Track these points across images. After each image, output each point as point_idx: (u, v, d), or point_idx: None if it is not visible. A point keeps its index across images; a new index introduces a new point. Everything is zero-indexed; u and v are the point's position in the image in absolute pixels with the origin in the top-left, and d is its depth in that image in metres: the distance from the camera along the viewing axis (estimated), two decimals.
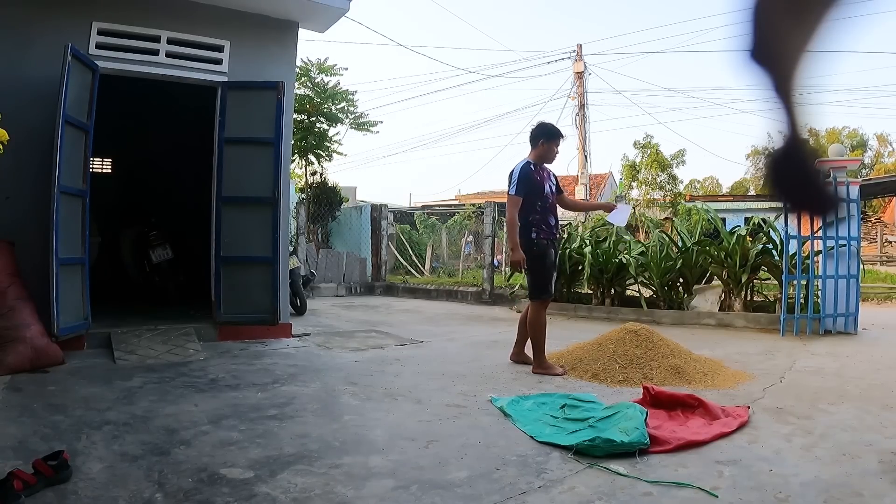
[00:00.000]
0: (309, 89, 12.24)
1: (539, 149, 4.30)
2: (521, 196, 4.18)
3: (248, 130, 5.28)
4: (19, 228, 4.33)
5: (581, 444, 2.53)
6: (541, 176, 4.27)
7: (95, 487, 2.11)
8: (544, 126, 4.37)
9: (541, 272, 4.25)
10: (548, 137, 4.31)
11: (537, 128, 4.37)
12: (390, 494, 2.12)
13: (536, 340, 4.21)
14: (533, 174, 4.23)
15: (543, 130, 4.33)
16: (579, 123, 15.94)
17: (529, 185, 4.20)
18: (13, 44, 4.53)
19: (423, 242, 14.04)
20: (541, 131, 4.32)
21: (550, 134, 4.33)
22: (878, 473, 2.30)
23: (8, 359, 3.83)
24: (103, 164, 9.67)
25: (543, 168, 4.34)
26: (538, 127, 4.38)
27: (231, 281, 5.25)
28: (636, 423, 2.65)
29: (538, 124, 4.41)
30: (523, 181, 4.19)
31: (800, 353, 5.01)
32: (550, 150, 4.32)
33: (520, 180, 4.19)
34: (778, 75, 0.67)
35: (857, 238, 6.19)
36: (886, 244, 21.44)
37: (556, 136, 4.35)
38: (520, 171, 4.21)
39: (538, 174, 4.26)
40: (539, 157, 4.31)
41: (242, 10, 5.39)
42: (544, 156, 4.32)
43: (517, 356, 4.50)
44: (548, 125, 4.39)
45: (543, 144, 4.29)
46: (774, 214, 7.18)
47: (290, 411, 3.18)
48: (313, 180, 12.96)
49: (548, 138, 4.30)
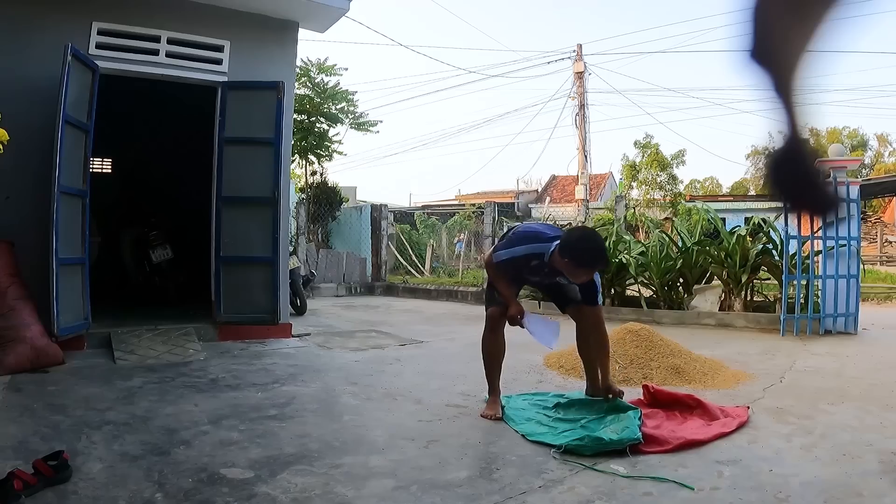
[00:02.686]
0: (309, 89, 12.24)
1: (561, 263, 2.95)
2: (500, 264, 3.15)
3: (248, 130, 5.28)
4: (19, 228, 4.33)
5: (570, 443, 2.55)
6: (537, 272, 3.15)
7: (95, 487, 2.11)
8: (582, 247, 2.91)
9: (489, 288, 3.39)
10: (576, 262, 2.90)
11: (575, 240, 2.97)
12: (390, 494, 2.12)
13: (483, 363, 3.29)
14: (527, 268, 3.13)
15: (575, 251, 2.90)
16: (579, 123, 15.93)
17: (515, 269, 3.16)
18: (13, 44, 4.53)
19: (423, 242, 14.03)
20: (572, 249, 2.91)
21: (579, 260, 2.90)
22: (878, 473, 2.30)
23: (8, 359, 3.83)
24: (103, 164, 9.67)
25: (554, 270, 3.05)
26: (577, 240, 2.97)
27: (231, 281, 5.25)
28: (627, 423, 2.68)
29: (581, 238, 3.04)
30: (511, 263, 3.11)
31: (800, 353, 5.01)
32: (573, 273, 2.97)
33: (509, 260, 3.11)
34: (778, 75, 0.67)
35: (857, 238, 6.19)
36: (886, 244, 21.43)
37: (586, 266, 2.95)
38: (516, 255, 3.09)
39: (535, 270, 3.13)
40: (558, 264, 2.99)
41: (242, 10, 5.39)
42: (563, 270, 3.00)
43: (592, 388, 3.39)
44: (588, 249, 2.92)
45: (569, 264, 2.92)
46: (774, 214, 7.18)
47: (291, 411, 3.18)
48: (313, 180, 12.96)
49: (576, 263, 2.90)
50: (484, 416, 3.09)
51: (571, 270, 2.95)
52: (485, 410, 3.13)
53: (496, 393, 3.22)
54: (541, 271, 3.13)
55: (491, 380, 3.24)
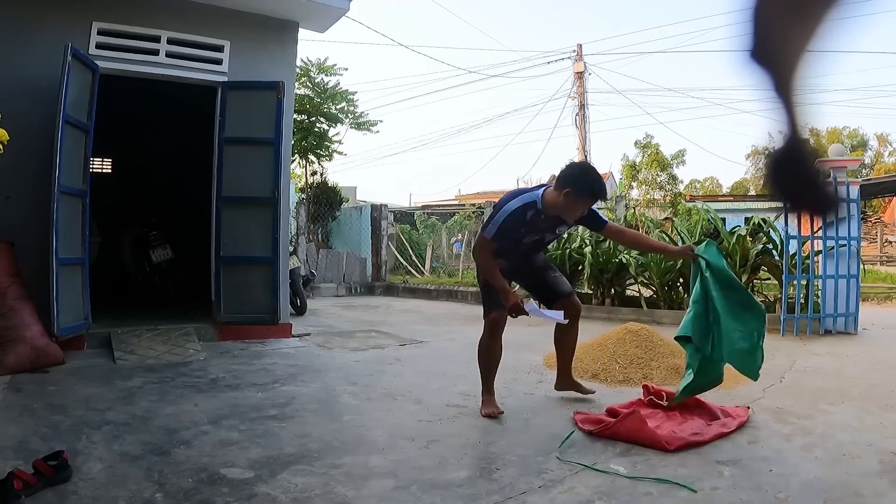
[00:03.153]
0: (309, 89, 12.24)
1: (559, 195, 3.00)
2: (496, 242, 3.07)
3: (248, 130, 5.28)
4: (19, 228, 4.33)
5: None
6: (534, 226, 3.13)
7: (95, 487, 2.11)
8: (580, 174, 3.03)
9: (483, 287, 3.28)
10: (576, 190, 2.96)
11: (572, 170, 3.09)
12: (390, 494, 2.12)
13: (480, 367, 3.27)
14: (522, 223, 3.08)
15: (575, 179, 2.99)
16: (579, 123, 15.95)
17: (510, 234, 3.08)
18: (13, 44, 4.54)
19: (424, 242, 14.03)
20: (571, 178, 2.99)
21: (580, 188, 2.96)
22: (878, 473, 2.30)
23: (8, 359, 3.83)
24: (103, 164, 9.68)
25: (549, 217, 3.11)
26: (573, 170, 3.10)
27: (231, 281, 5.25)
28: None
29: (577, 166, 3.21)
30: (504, 228, 3.05)
31: (800, 352, 5.00)
32: (572, 206, 3.03)
33: (501, 225, 3.05)
34: (778, 75, 0.67)
35: (857, 238, 6.19)
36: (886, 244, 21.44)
37: (587, 195, 3.01)
38: (507, 214, 3.04)
39: (532, 224, 3.11)
40: (553, 205, 3.05)
41: (242, 10, 5.39)
42: (560, 207, 3.04)
43: (562, 383, 3.52)
44: (587, 175, 3.04)
45: (568, 196, 2.97)
46: (774, 214, 7.17)
47: (291, 411, 3.18)
48: (313, 180, 12.96)
49: (575, 191, 2.96)
50: (486, 415, 3.09)
51: (572, 203, 2.99)
52: (484, 410, 3.13)
53: (491, 392, 3.23)
54: (536, 224, 3.12)
55: (487, 381, 3.24)
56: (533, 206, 3.06)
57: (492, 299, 3.20)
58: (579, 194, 2.97)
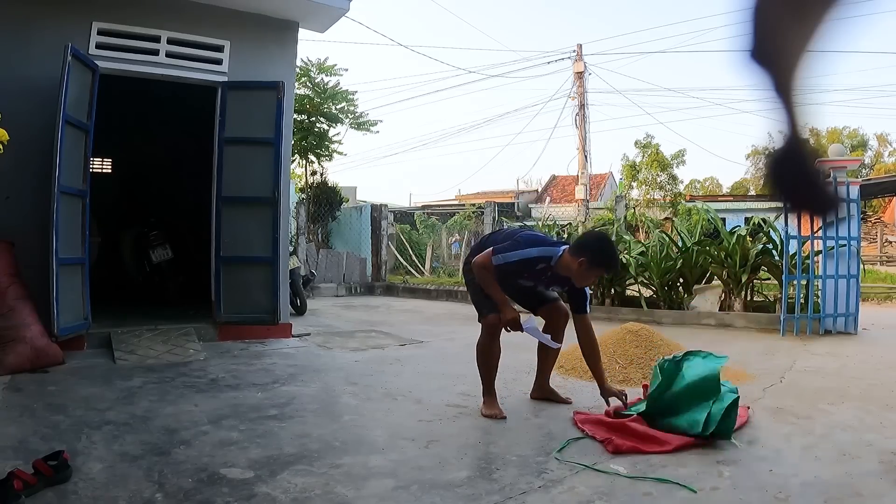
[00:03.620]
0: (309, 89, 12.24)
1: (574, 262, 2.99)
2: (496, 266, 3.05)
3: (248, 130, 5.28)
4: (19, 228, 4.33)
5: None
6: (537, 277, 3.18)
7: (95, 487, 2.11)
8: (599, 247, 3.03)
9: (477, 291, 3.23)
10: (591, 262, 2.97)
11: (591, 241, 3.12)
12: (390, 494, 2.12)
13: (479, 369, 3.26)
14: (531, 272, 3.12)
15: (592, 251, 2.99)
16: (579, 123, 15.93)
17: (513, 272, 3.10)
18: (13, 44, 4.53)
19: (423, 242, 14.03)
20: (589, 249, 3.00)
21: (596, 261, 2.99)
22: (878, 473, 2.30)
23: (8, 359, 3.83)
24: (103, 164, 9.67)
25: (556, 276, 3.12)
26: (592, 241, 3.12)
27: (231, 281, 5.25)
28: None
29: (596, 238, 3.21)
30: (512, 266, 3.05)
31: (800, 353, 5.00)
32: (584, 276, 3.03)
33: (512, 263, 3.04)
34: (778, 75, 0.67)
35: (857, 238, 6.19)
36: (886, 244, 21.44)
37: (601, 267, 3.08)
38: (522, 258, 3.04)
39: (537, 275, 3.15)
40: (566, 268, 3.04)
41: (242, 10, 5.39)
42: (572, 273, 3.04)
43: (539, 391, 3.49)
44: (604, 249, 3.05)
45: (583, 265, 2.97)
46: (774, 214, 7.18)
47: (291, 411, 3.18)
48: (313, 180, 12.96)
49: (591, 262, 2.97)
50: (487, 416, 3.09)
51: (583, 271, 2.99)
52: (485, 410, 3.13)
53: (493, 393, 3.22)
54: (541, 276, 3.15)
55: (488, 382, 3.23)
56: (548, 261, 3.08)
57: (485, 302, 3.19)
58: (593, 264, 3.00)
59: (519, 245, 3.09)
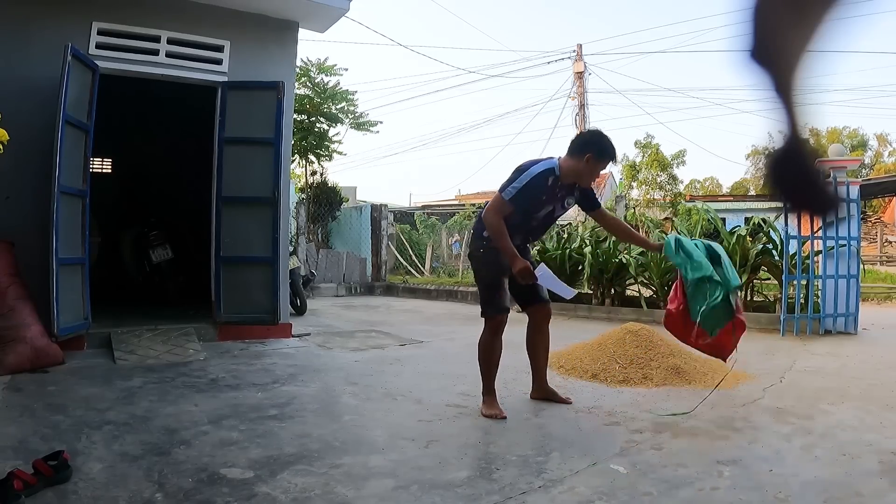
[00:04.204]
0: (309, 89, 12.23)
1: (580, 162, 3.10)
2: (512, 205, 3.07)
3: (248, 130, 5.28)
4: (19, 228, 4.33)
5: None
6: (552, 195, 3.16)
7: (95, 487, 2.11)
8: (601, 139, 3.16)
9: (490, 281, 3.22)
10: (599, 154, 3.10)
11: (591, 135, 3.25)
12: (390, 494, 2.12)
13: (481, 367, 3.25)
14: (544, 189, 3.12)
15: (597, 143, 3.13)
16: (579, 123, 15.93)
17: (529, 200, 3.10)
18: (13, 44, 4.53)
19: (423, 242, 14.03)
20: (593, 143, 3.14)
21: (603, 151, 3.12)
22: (878, 473, 2.30)
23: (8, 359, 3.83)
24: (103, 164, 9.67)
25: (564, 186, 3.18)
26: (593, 135, 3.25)
27: (231, 281, 5.25)
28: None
29: (595, 132, 3.30)
30: (526, 192, 3.07)
31: (800, 353, 5.00)
32: (592, 171, 3.15)
33: (524, 188, 3.06)
34: (778, 75, 0.67)
35: (857, 238, 6.19)
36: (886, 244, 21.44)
37: (609, 157, 3.17)
38: (531, 177, 3.07)
39: (551, 191, 3.15)
40: (572, 172, 3.13)
41: (242, 10, 5.39)
42: (580, 173, 3.14)
43: (539, 391, 3.45)
44: (606, 139, 3.16)
45: (590, 161, 3.09)
46: (774, 214, 7.18)
47: (291, 411, 3.18)
48: (313, 180, 12.96)
49: (599, 155, 3.10)
50: (488, 415, 3.09)
51: (591, 167, 3.11)
52: (486, 410, 3.13)
53: (493, 393, 3.22)
54: (555, 191, 3.17)
55: (488, 380, 3.23)
56: (552, 172, 3.12)
57: (493, 301, 3.19)
58: (600, 157, 3.11)
59: (520, 172, 3.12)
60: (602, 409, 3.25)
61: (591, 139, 3.18)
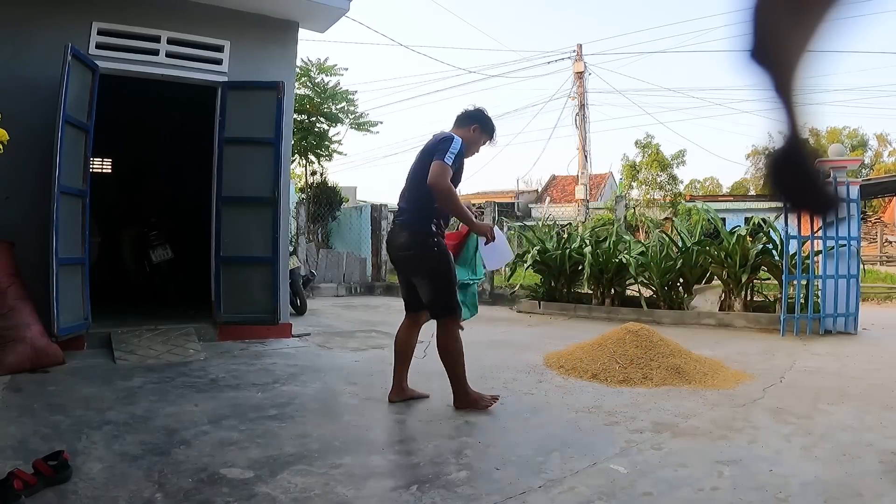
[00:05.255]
0: (309, 89, 12.23)
1: (468, 132, 3.35)
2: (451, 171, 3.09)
3: (248, 130, 5.28)
4: (19, 228, 4.33)
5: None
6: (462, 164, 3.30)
7: (95, 487, 2.11)
8: (483, 114, 3.44)
9: (451, 276, 3.22)
10: (483, 126, 3.40)
11: (476, 110, 3.46)
12: (390, 494, 2.12)
13: (455, 370, 3.24)
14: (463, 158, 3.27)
15: (481, 116, 3.42)
16: (579, 123, 15.93)
17: (459, 168, 3.22)
18: (13, 44, 4.53)
19: None
20: (477, 117, 3.41)
21: (486, 124, 3.41)
22: (878, 473, 2.30)
23: (8, 359, 3.83)
24: (103, 164, 9.66)
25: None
26: (477, 110, 3.46)
27: (231, 281, 5.25)
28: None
29: (477, 108, 3.48)
30: (459, 158, 3.16)
31: (800, 353, 5.01)
32: (477, 143, 3.41)
33: (459, 153, 3.12)
34: (778, 75, 0.67)
35: (857, 238, 6.19)
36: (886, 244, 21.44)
37: (491, 131, 3.45)
38: (461, 144, 3.15)
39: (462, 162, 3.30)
40: (469, 141, 3.33)
41: (242, 10, 5.39)
42: (469, 143, 3.35)
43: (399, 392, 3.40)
44: (489, 117, 3.45)
45: (475, 131, 3.37)
46: (774, 214, 7.18)
47: (291, 411, 3.18)
48: (313, 180, 12.96)
49: (483, 127, 3.39)
50: (486, 405, 3.23)
51: (476, 139, 3.38)
52: (482, 402, 3.24)
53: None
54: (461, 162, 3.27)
55: (464, 377, 3.27)
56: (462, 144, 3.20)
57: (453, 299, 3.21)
58: (485, 129, 3.41)
59: (448, 141, 3.12)
60: (602, 409, 3.25)
61: (474, 114, 3.42)
